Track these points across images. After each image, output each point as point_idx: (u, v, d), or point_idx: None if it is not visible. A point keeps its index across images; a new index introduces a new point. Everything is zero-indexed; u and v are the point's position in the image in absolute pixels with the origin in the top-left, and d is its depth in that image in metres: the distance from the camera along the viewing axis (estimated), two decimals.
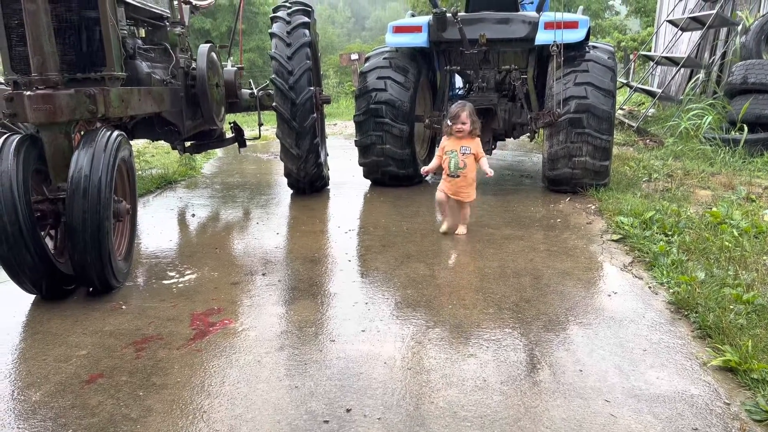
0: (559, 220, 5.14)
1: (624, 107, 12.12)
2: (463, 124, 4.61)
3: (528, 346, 2.87)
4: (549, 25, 5.80)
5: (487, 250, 4.31)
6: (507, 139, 7.44)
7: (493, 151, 6.85)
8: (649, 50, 15.04)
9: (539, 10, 6.43)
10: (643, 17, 29.22)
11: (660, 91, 10.72)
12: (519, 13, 6.42)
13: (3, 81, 4.15)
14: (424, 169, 4.90)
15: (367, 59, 6.66)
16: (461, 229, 4.73)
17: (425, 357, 2.77)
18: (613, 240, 4.52)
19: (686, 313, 3.20)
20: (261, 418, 2.32)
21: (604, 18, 34.13)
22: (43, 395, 2.50)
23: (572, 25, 5.86)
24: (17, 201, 3.15)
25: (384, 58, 6.42)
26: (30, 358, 2.85)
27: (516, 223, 5.07)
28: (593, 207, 5.51)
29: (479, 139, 4.75)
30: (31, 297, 3.56)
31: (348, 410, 2.36)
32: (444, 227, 4.75)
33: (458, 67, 6.59)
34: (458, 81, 7.75)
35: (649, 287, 3.60)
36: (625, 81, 13.33)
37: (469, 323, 3.12)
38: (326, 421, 2.29)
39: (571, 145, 5.77)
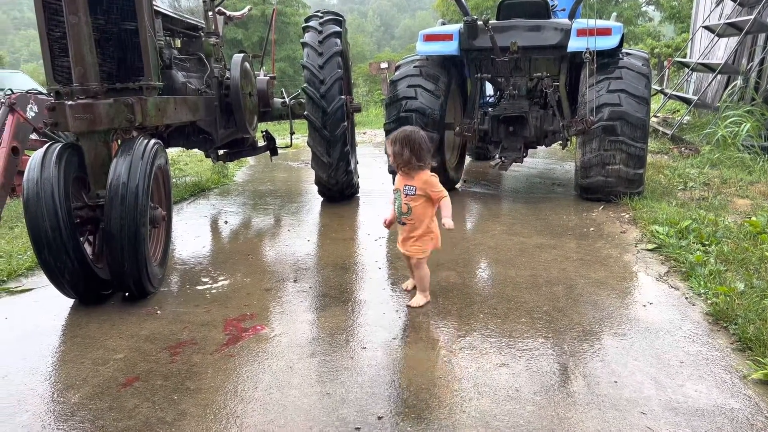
0: (592, 228, 5.07)
1: (658, 115, 11.92)
2: (392, 156, 3.44)
3: (561, 356, 2.83)
4: (582, 32, 5.75)
5: (519, 259, 4.27)
6: (538, 147, 7.37)
7: (525, 159, 6.79)
8: (684, 57, 14.77)
9: (572, 17, 6.38)
10: (678, 23, 28.73)
11: (696, 98, 10.50)
12: (551, 20, 6.38)
13: (46, 91, 4.28)
14: (385, 220, 3.62)
15: (397, 68, 6.69)
16: (416, 299, 3.51)
17: (457, 366, 2.75)
18: (648, 249, 4.44)
19: (725, 324, 3.12)
20: (293, 425, 2.33)
21: (637, 24, 33.63)
22: (81, 397, 2.56)
23: (605, 31, 5.80)
24: (58, 207, 3.24)
25: (414, 67, 6.43)
26: (69, 360, 2.92)
27: (548, 231, 5.01)
28: (627, 216, 5.42)
29: (431, 173, 3.42)
30: (70, 301, 3.65)
31: (379, 418, 2.36)
32: (408, 282, 3.78)
33: (489, 75, 6.57)
34: (489, 89, 7.73)
35: (686, 298, 3.52)
36: (659, 88, 13.10)
37: (500, 332, 3.09)
38: (358, 429, 2.29)
39: (605, 153, 5.69)
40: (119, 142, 3.80)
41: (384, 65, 20.45)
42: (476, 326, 3.17)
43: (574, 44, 5.85)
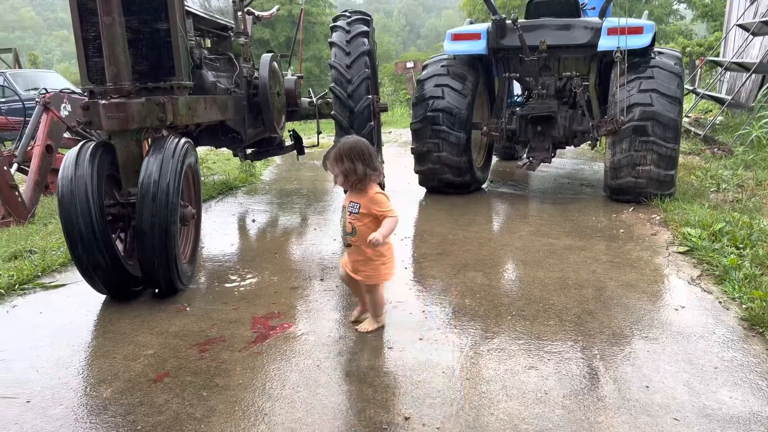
0: (621, 230, 4.99)
1: (690, 115, 11.69)
2: (341, 176, 2.96)
3: (591, 359, 2.79)
4: (612, 31, 5.67)
5: (547, 261, 4.22)
6: (566, 147, 7.28)
7: (553, 159, 6.71)
8: (717, 55, 14.47)
9: (602, 15, 6.29)
10: (710, 21, 28.16)
11: (729, 98, 10.28)
12: (581, 18, 6.30)
13: (80, 90, 4.36)
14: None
15: (424, 67, 6.68)
16: (366, 324, 3.16)
17: (484, 368, 2.73)
18: (679, 252, 4.35)
19: (761, 330, 3.04)
20: (321, 423, 2.33)
21: (668, 23, 33.05)
22: (113, 392, 2.60)
23: (637, 30, 5.71)
24: (92, 204, 3.30)
25: (442, 66, 6.41)
26: (101, 355, 2.97)
27: (576, 233, 4.95)
28: (658, 218, 5.33)
29: (379, 191, 3.01)
30: (102, 296, 3.71)
31: (407, 418, 2.35)
32: (354, 313, 3.32)
33: (517, 74, 6.51)
34: (517, 88, 7.67)
35: (720, 302, 3.44)
36: (691, 88, 12.85)
37: (529, 335, 3.06)
38: (384, 429, 2.29)
39: (635, 153, 5.60)
40: (149, 140, 3.85)
41: (410, 65, 20.42)
42: (504, 328, 3.15)
43: (605, 43, 5.77)
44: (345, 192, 3.51)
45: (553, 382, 2.59)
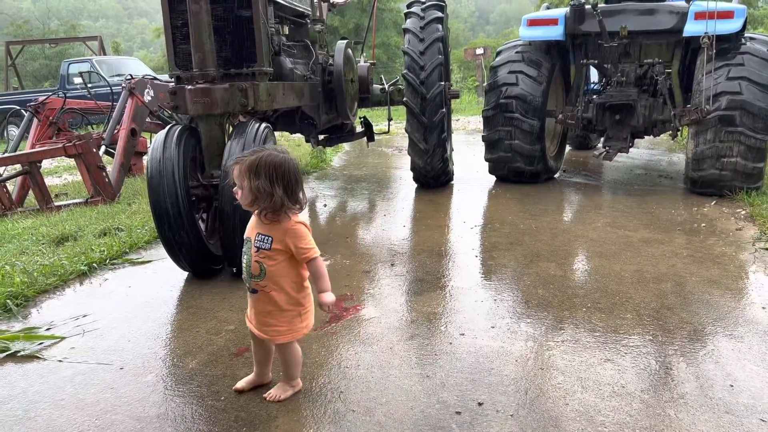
0: (703, 224, 4.78)
1: None
2: (238, 188, 2.29)
3: (671, 355, 2.71)
4: (700, 15, 5.41)
5: (624, 253, 4.11)
6: (645, 137, 7.02)
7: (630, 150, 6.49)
8: None
9: None
10: None
11: None
12: (665, 2, 6.03)
13: (158, 77, 4.54)
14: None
15: (498, 53, 6.58)
16: (277, 390, 2.42)
17: (559, 358, 2.70)
18: (767, 249, 4.14)
19: None
20: (395, 403, 2.38)
21: (757, 7, 31.09)
22: (198, 363, 2.74)
23: (727, 14, 5.42)
24: (178, 186, 3.47)
25: (516, 52, 6.30)
26: (185, 329, 3.14)
27: (654, 225, 4.79)
28: (743, 212, 5.07)
29: (299, 220, 2.33)
30: (185, 274, 3.90)
31: (480, 404, 2.36)
32: (241, 383, 2.49)
33: (595, 61, 6.31)
34: (593, 75, 7.44)
35: None
36: None
37: (604, 328, 3.00)
38: (458, 413, 2.31)
39: (721, 144, 5.34)
40: (229, 126, 3.98)
41: (479, 51, 20.15)
42: (578, 320, 3.10)
43: (692, 28, 5.51)
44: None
45: (631, 375, 2.54)
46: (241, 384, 2.48)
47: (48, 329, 3.16)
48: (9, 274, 3.71)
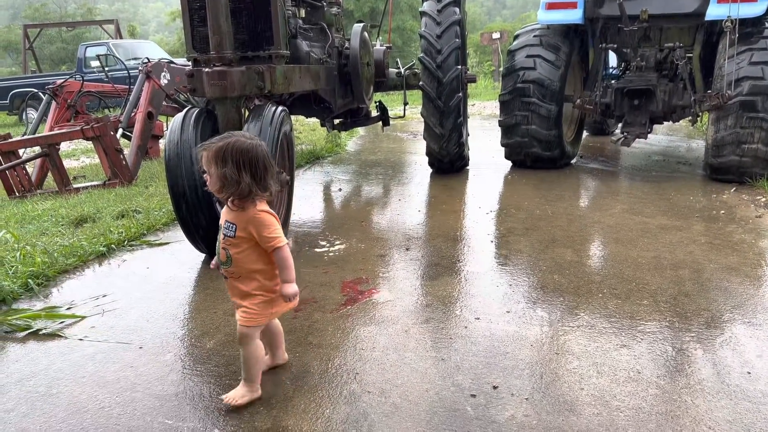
0: (722, 211, 4.73)
1: None
2: (207, 174, 2.22)
3: (688, 342, 2.70)
4: None
5: (641, 240, 4.08)
6: (664, 123, 6.93)
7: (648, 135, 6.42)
8: None
9: None
10: None
11: None
12: None
13: (174, 60, 4.55)
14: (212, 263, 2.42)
15: (516, 37, 6.51)
16: (234, 393, 2.31)
17: (574, 344, 2.70)
18: None
19: None
20: (410, 385, 2.40)
21: None
22: (215, 344, 2.78)
23: None
24: (196, 167, 3.48)
25: (534, 36, 6.22)
26: (203, 309, 3.17)
27: (672, 212, 4.74)
28: (764, 199, 5.00)
29: (264, 208, 2.24)
30: (202, 255, 3.93)
31: (495, 387, 2.37)
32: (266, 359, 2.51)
33: (615, 45, 6.23)
34: (612, 60, 7.34)
35: None
36: None
37: (620, 313, 2.99)
38: (473, 395, 2.32)
39: (742, 130, 5.26)
40: (245, 110, 3.99)
41: (496, 35, 19.94)
42: (594, 305, 3.09)
43: (714, 12, 5.41)
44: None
45: (647, 361, 2.53)
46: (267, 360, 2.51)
47: (69, 308, 3.21)
48: (30, 254, 3.77)
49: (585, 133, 8.64)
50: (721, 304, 3.06)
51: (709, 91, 5.54)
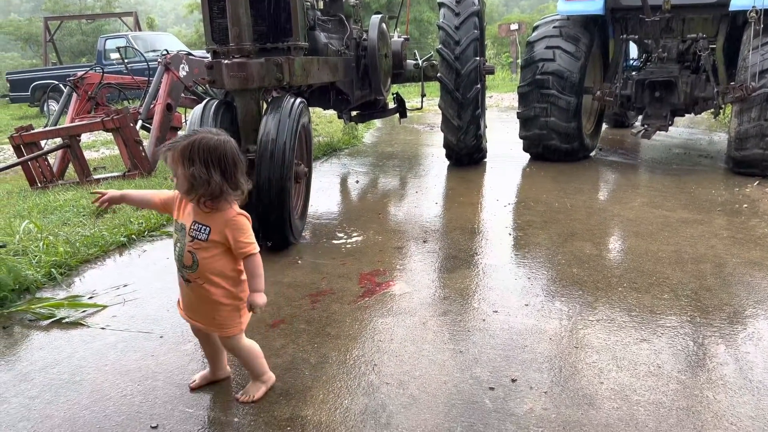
0: (745, 205, 4.66)
1: None
2: (174, 176, 2.11)
3: (709, 337, 2.67)
4: None
5: (661, 233, 4.03)
6: (685, 115, 6.83)
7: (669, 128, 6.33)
8: None
9: None
10: None
11: None
12: None
13: (192, 52, 4.57)
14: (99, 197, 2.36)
15: (535, 28, 6.45)
16: (249, 388, 2.31)
17: (594, 337, 2.68)
18: None
19: None
20: (428, 377, 2.40)
21: None
22: None
23: None
24: None
25: (554, 27, 6.16)
26: None
27: (693, 206, 4.68)
28: None
29: (240, 211, 2.14)
30: None
31: (513, 380, 2.37)
32: (196, 378, 2.40)
33: (636, 36, 6.14)
34: (633, 51, 7.24)
35: None
36: None
37: (640, 307, 2.96)
38: (492, 388, 2.32)
39: (766, 123, 5.17)
40: (263, 102, 4.00)
41: (514, 27, 19.81)
42: (614, 299, 3.06)
43: (739, 2, 5.30)
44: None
45: (667, 356, 2.51)
46: (194, 379, 2.38)
47: (90, 297, 3.26)
48: (53, 244, 3.83)
49: (604, 126, 8.55)
50: (744, 299, 3.02)
51: (732, 83, 5.45)
